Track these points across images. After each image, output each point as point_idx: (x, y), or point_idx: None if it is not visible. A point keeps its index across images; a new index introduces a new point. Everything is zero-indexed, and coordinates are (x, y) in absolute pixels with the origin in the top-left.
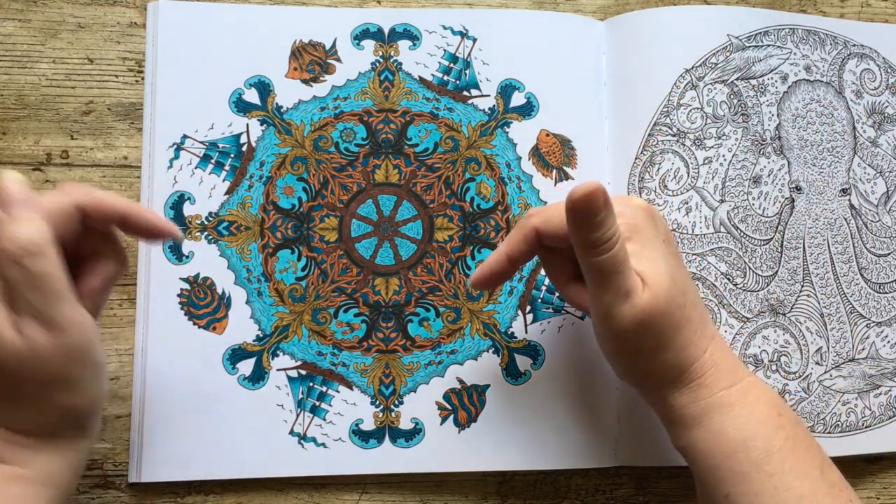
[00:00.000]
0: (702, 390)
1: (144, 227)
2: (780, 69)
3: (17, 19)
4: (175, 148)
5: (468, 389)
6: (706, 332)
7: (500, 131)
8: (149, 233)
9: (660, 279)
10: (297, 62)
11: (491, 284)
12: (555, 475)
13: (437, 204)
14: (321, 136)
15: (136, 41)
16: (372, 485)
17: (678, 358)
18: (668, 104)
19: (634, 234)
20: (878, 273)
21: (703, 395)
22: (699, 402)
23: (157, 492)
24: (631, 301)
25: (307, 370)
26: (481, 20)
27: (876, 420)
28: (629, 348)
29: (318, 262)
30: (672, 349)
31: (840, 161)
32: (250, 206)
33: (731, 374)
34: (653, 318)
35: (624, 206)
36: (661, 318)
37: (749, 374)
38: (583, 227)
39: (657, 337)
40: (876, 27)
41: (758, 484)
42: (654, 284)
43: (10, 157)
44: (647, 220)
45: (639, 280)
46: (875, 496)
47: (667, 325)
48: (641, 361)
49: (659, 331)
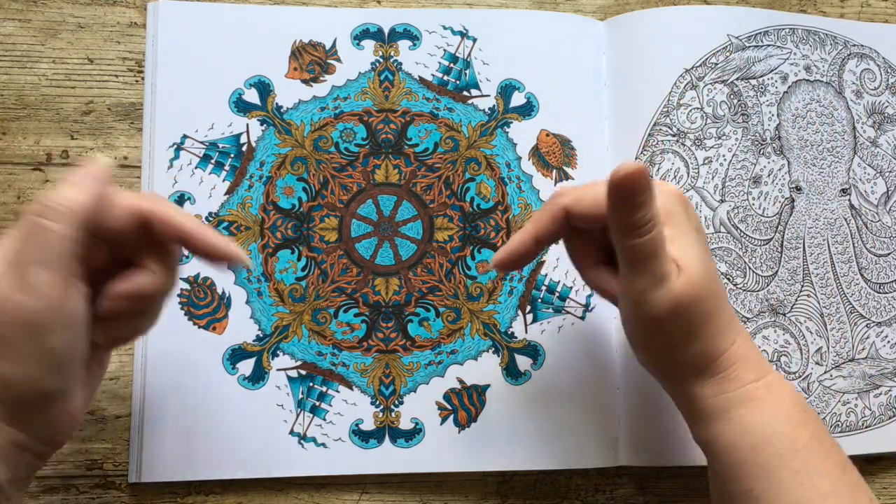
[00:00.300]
0: (728, 383)
1: (203, 249)
2: (780, 69)
3: (17, 19)
4: (175, 148)
5: (468, 389)
6: (734, 324)
7: (500, 131)
8: (209, 255)
9: (695, 266)
10: (297, 62)
11: (515, 266)
12: (555, 475)
13: (437, 204)
14: (321, 136)
15: (136, 41)
16: (372, 485)
17: (708, 348)
18: (668, 104)
19: (669, 219)
20: (878, 273)
21: (730, 387)
22: (725, 395)
23: (157, 492)
24: (666, 286)
25: (307, 370)
26: (481, 20)
27: (876, 420)
28: (660, 336)
29: (318, 262)
30: (703, 338)
31: (840, 161)
32: (250, 206)
33: (757, 368)
34: (687, 305)
35: (658, 190)
36: (695, 304)
37: (772, 370)
38: (623, 209)
39: (689, 325)
40: (876, 27)
41: (782, 480)
42: (689, 270)
43: (10, 157)
44: (681, 205)
45: (674, 265)
46: (875, 496)
47: (699, 313)
48: (670, 350)
49: (691, 318)
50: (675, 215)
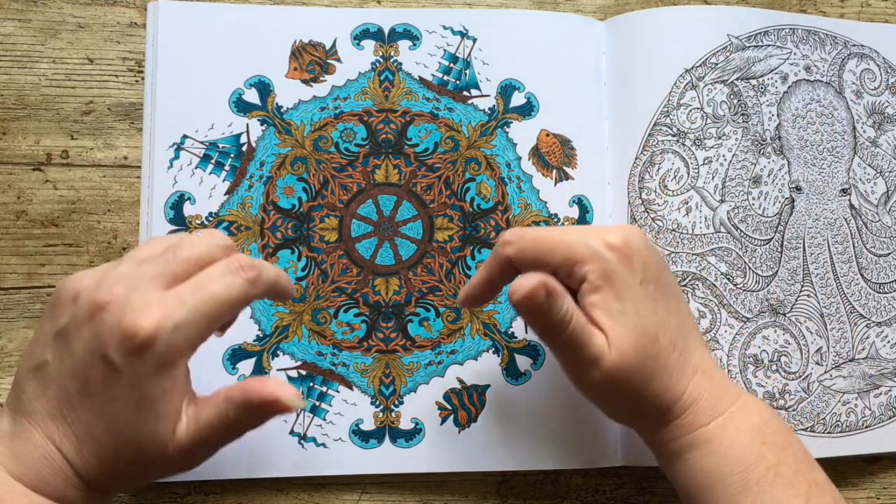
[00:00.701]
0: (681, 428)
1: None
2: (780, 69)
3: (17, 19)
4: (175, 148)
5: (468, 389)
6: (686, 371)
7: (500, 131)
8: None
9: (626, 337)
10: (297, 62)
11: (476, 304)
12: (555, 475)
13: (437, 204)
14: (321, 136)
15: (136, 41)
16: (372, 485)
17: (655, 403)
18: (668, 104)
19: (606, 282)
20: (878, 273)
21: (683, 432)
22: (678, 440)
23: (157, 492)
24: (598, 366)
25: (307, 370)
26: (481, 20)
27: (876, 420)
28: (605, 403)
29: (318, 262)
30: (648, 397)
31: (840, 161)
32: (250, 206)
33: (713, 408)
34: (624, 378)
35: (597, 247)
36: (631, 375)
37: (734, 401)
38: (533, 318)
39: (630, 392)
40: (876, 27)
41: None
42: (621, 343)
43: (10, 157)
44: (621, 263)
45: (604, 342)
46: (875, 496)
47: (639, 380)
48: (619, 410)
49: (631, 386)
50: (614, 276)
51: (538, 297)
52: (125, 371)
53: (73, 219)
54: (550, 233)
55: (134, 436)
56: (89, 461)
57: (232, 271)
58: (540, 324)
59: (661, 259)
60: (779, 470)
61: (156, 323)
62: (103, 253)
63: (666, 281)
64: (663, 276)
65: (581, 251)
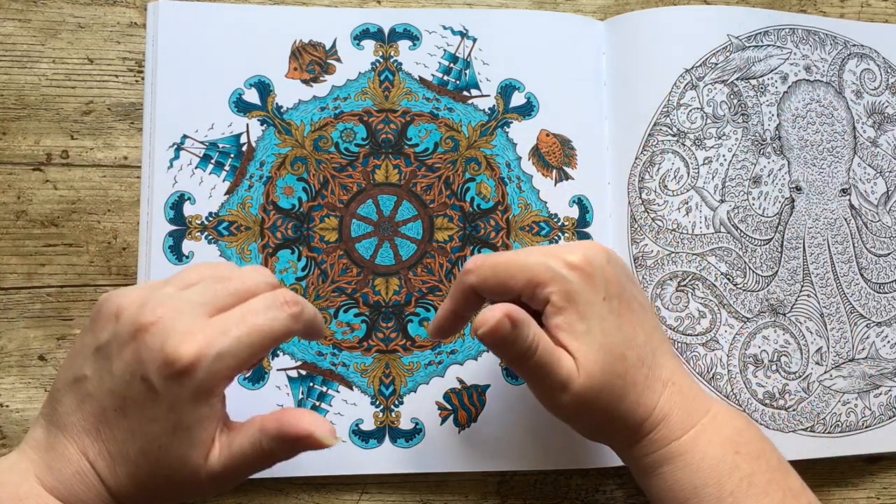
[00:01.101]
0: (654, 443)
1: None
2: (780, 69)
3: (17, 19)
4: (175, 148)
5: (468, 389)
6: (655, 386)
7: (500, 131)
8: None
9: (593, 357)
10: (297, 62)
11: (447, 335)
12: (555, 475)
13: (437, 204)
14: (321, 136)
15: (136, 41)
16: (372, 485)
17: (627, 421)
18: (668, 104)
19: (569, 303)
20: (878, 273)
21: (656, 447)
22: (652, 455)
23: None
24: (567, 390)
25: (307, 370)
26: (481, 20)
27: (876, 420)
28: (577, 424)
29: (318, 263)
30: (619, 416)
31: (840, 161)
32: (250, 206)
33: (684, 422)
34: (592, 399)
35: (558, 267)
36: (600, 395)
37: (706, 412)
38: (500, 350)
39: (601, 412)
40: (876, 27)
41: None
42: (588, 365)
43: (10, 157)
44: (583, 282)
45: (572, 365)
46: (875, 496)
47: (608, 399)
48: (592, 430)
49: (601, 406)
50: (576, 296)
51: (503, 330)
52: (164, 395)
53: (73, 219)
54: (511, 257)
55: (167, 459)
56: (122, 480)
57: (277, 305)
58: (507, 354)
59: (626, 272)
60: (752, 479)
61: (198, 350)
62: (103, 253)
63: (630, 294)
64: (626, 290)
65: (542, 273)
